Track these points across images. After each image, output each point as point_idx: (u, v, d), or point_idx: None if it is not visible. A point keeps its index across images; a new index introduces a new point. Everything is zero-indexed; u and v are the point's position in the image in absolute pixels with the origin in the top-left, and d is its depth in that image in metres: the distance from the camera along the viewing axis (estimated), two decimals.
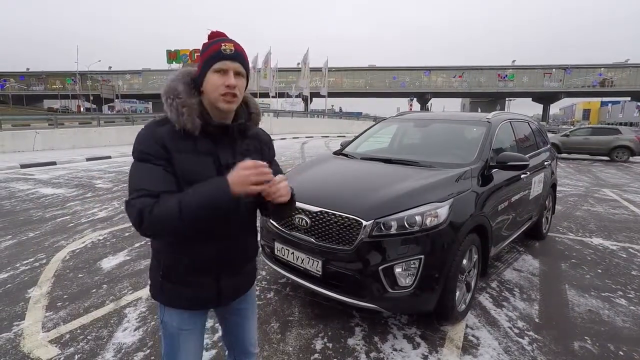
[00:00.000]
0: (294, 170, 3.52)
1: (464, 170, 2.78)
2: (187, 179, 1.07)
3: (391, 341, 2.42)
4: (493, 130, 3.31)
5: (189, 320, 1.23)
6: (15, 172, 8.83)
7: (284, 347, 2.33)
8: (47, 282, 3.15)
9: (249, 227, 1.28)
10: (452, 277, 2.39)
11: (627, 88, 56.12)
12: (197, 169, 1.10)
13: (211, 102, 1.11)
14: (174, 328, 1.22)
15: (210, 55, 1.09)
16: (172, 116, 1.09)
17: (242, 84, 1.13)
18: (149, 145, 1.07)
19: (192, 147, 1.10)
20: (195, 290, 1.19)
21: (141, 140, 1.09)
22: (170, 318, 1.22)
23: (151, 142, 1.07)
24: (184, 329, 1.23)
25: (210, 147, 1.13)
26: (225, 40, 1.11)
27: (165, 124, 1.11)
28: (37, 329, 2.47)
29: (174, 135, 1.08)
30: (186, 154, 1.09)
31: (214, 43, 1.10)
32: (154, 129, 1.10)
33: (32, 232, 4.42)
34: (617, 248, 4.27)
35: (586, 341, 2.44)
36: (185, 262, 1.16)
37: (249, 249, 1.31)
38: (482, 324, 2.64)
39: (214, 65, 1.08)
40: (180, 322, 1.22)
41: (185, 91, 1.10)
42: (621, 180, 9.43)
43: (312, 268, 2.43)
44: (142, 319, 2.61)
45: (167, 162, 1.06)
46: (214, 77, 1.08)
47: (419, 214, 2.30)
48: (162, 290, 1.21)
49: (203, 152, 1.11)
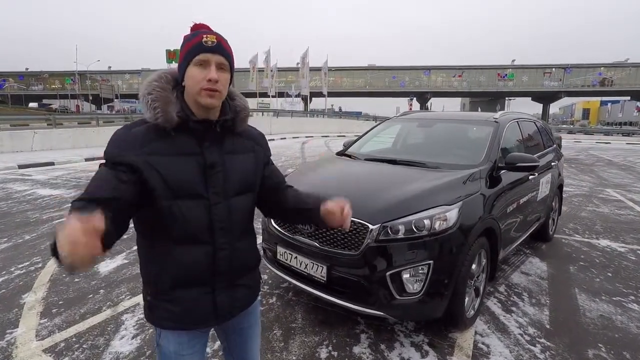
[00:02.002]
0: (297, 171, 3.43)
1: (472, 172, 2.70)
2: (169, 181, 0.99)
3: (398, 349, 2.33)
4: (501, 130, 3.23)
5: (188, 344, 1.12)
6: (13, 173, 8.73)
7: (287, 355, 2.24)
8: (43, 287, 3.06)
9: (243, 231, 1.16)
10: (461, 282, 2.30)
11: (627, 87, 56.05)
12: (179, 170, 1.01)
13: (192, 97, 1.03)
14: (170, 352, 1.11)
15: (191, 47, 1.01)
16: (149, 113, 1.01)
17: (225, 77, 1.04)
18: (113, 149, 0.99)
19: (172, 148, 1.01)
20: (186, 306, 1.07)
21: (110, 142, 1.00)
22: (167, 342, 1.11)
23: (117, 144, 0.99)
24: (182, 354, 1.11)
25: (193, 147, 1.04)
26: (206, 32, 1.02)
27: (142, 125, 1.02)
28: (31, 337, 2.38)
29: (151, 136, 1.00)
30: (165, 156, 1.00)
31: (195, 35, 1.02)
32: (128, 130, 1.02)
33: (28, 235, 4.33)
34: (626, 250, 4.19)
35: (600, 349, 2.36)
36: (172, 272, 1.05)
37: (246, 256, 1.19)
38: (491, 330, 2.55)
39: (194, 58, 1.00)
40: (177, 346, 1.11)
41: (161, 86, 1.03)
42: (624, 180, 9.35)
43: (316, 273, 2.35)
44: (140, 326, 2.52)
45: (129, 167, 0.96)
46: (194, 70, 1.01)
47: (427, 217, 2.21)
48: (151, 309, 1.10)
49: (186, 152, 1.03)
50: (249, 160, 1.17)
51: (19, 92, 62.59)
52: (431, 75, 61.63)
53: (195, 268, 1.06)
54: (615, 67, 57.10)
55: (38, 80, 65.93)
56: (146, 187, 0.98)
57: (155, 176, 0.98)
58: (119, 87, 58.18)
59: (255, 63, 35.43)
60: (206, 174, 1.05)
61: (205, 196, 1.05)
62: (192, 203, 1.03)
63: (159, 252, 1.06)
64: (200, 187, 1.04)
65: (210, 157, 1.06)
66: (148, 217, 1.03)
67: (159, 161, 0.99)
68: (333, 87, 57.70)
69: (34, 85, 65.99)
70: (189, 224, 1.03)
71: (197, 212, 1.04)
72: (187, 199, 1.02)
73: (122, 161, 0.96)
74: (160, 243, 1.05)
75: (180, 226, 1.03)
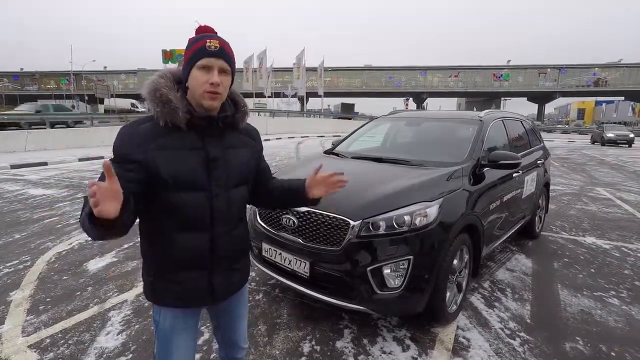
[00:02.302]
0: (283, 169, 3.46)
1: (455, 169, 2.74)
2: (175, 174, 1.08)
3: (380, 343, 2.37)
4: (485, 128, 3.28)
5: (182, 320, 1.23)
6: (5, 173, 8.70)
7: (270, 350, 2.28)
8: (30, 284, 3.07)
9: (238, 219, 1.27)
10: (442, 277, 2.34)
11: (621, 88, 56.51)
12: (185, 164, 1.10)
13: (195, 98, 1.11)
14: (166, 327, 1.22)
15: (195, 51, 1.09)
16: (157, 111, 1.08)
17: (226, 81, 1.13)
18: (121, 146, 1.07)
19: (177, 143, 1.09)
20: (187, 286, 1.18)
21: (117, 138, 1.09)
22: (164, 317, 1.21)
23: (125, 141, 1.07)
24: (177, 328, 1.22)
25: (197, 142, 1.12)
26: (210, 36, 1.10)
27: (148, 122, 1.10)
28: (17, 333, 2.40)
29: (156, 132, 1.08)
30: (171, 150, 1.08)
31: (199, 39, 1.10)
32: (136, 127, 1.10)
33: (18, 234, 4.33)
34: (610, 247, 4.25)
35: (578, 342, 2.41)
36: (176, 256, 1.15)
37: (241, 242, 1.30)
38: (473, 325, 2.60)
39: (198, 61, 1.08)
40: (173, 321, 1.22)
41: (168, 85, 1.10)
42: (615, 179, 9.46)
43: (299, 269, 2.38)
44: (126, 322, 2.54)
45: (137, 164, 1.04)
46: (198, 73, 1.08)
47: (407, 213, 2.25)
48: (154, 289, 1.20)
49: (190, 147, 1.11)
50: (246, 154, 1.26)
51: (14, 93, 62.14)
52: (427, 76, 61.81)
53: (197, 253, 1.17)
54: (609, 67, 57.54)
55: (33, 81, 65.49)
56: (153, 180, 1.06)
57: (162, 170, 1.06)
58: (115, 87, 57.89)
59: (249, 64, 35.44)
60: (209, 168, 1.14)
61: (208, 188, 1.14)
62: (195, 195, 1.13)
63: (163, 238, 1.15)
64: (204, 180, 1.13)
65: (212, 152, 1.14)
66: (153, 206, 1.11)
67: (166, 156, 1.07)
68: (329, 87, 57.73)
69: (29, 86, 65.53)
70: (191, 214, 1.13)
71: (199, 203, 1.14)
72: (191, 191, 1.12)
73: (130, 158, 1.04)
74: (165, 230, 1.14)
75: (183, 216, 1.13)
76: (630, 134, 22.69)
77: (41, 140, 13.28)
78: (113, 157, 1.07)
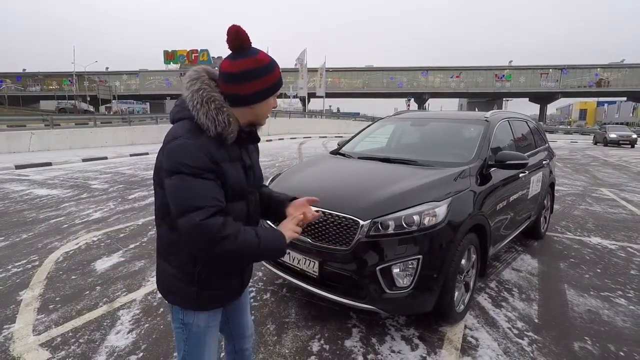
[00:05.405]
0: (291, 169, 3.47)
1: (462, 169, 2.75)
2: (233, 186, 1.14)
3: (389, 342, 2.38)
4: (491, 129, 3.28)
5: (214, 317, 1.29)
6: (10, 173, 8.75)
7: (280, 349, 2.29)
8: (40, 284, 3.09)
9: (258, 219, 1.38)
10: (450, 277, 2.35)
11: (623, 88, 56.32)
12: (239, 175, 1.17)
13: (257, 119, 1.20)
14: (200, 327, 1.25)
15: (276, 83, 1.17)
16: (216, 124, 1.08)
17: None
18: (198, 158, 1.04)
19: (227, 155, 1.14)
20: (228, 287, 1.27)
21: (187, 153, 1.04)
22: (198, 319, 1.24)
23: (200, 154, 1.05)
24: (210, 325, 1.28)
25: (238, 153, 1.19)
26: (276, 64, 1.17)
27: (202, 134, 1.08)
28: (28, 332, 2.42)
29: (213, 146, 1.09)
30: (228, 162, 1.13)
31: (273, 67, 1.15)
32: (197, 140, 1.06)
33: (25, 234, 4.36)
34: (616, 247, 4.25)
35: (586, 342, 2.41)
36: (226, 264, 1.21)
37: None
38: (481, 324, 2.60)
39: (276, 92, 1.19)
40: (207, 320, 1.26)
41: (218, 97, 1.11)
42: (619, 179, 9.44)
43: (308, 269, 2.39)
44: (135, 322, 2.56)
45: (215, 175, 1.08)
46: (272, 100, 1.19)
47: (416, 213, 2.26)
48: (198, 297, 1.20)
49: (235, 158, 1.17)
50: (257, 157, 1.36)
51: (17, 93, 62.35)
52: (429, 76, 61.73)
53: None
54: (612, 68, 57.35)
55: (35, 81, 65.71)
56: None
57: (228, 182, 1.12)
58: (117, 88, 58.06)
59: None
60: (247, 175, 1.22)
61: (248, 197, 1.25)
62: (241, 204, 1.21)
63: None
64: (247, 189, 1.22)
65: (247, 160, 1.24)
66: None
67: (227, 168, 1.13)
68: (331, 87, 57.73)
69: (32, 86, 65.72)
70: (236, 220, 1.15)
71: (243, 212, 1.22)
72: (238, 200, 1.19)
73: (212, 169, 1.07)
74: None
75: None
76: (633, 134, 22.67)
77: (45, 141, 13.33)
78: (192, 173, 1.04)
